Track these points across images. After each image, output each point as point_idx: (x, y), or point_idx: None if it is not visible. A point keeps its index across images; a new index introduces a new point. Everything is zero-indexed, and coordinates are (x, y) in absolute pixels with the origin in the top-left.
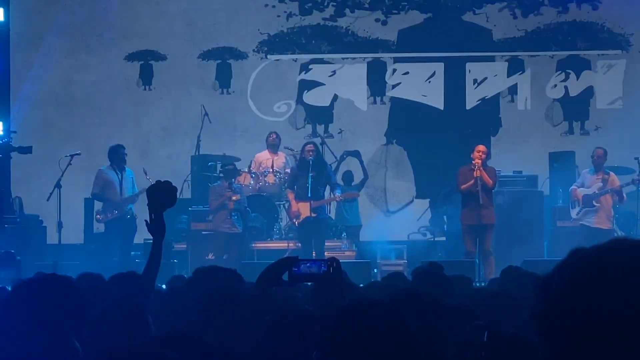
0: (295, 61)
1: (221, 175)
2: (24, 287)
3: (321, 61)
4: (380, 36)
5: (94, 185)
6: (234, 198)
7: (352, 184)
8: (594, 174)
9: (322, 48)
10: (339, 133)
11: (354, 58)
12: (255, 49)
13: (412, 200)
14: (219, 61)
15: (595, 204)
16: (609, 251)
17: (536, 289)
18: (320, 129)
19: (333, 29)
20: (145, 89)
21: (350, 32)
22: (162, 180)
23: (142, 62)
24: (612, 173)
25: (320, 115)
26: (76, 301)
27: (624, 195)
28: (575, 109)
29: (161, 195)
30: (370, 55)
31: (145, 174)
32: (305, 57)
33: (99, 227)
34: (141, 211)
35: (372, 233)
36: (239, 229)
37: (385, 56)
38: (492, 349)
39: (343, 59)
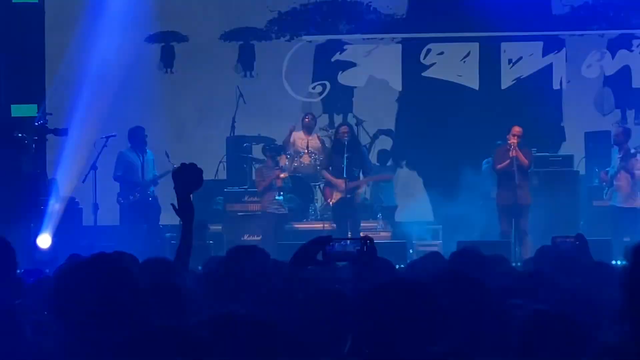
0: (310, 42)
1: (267, 154)
2: (79, 268)
3: (339, 42)
4: (408, 13)
5: (115, 168)
6: (282, 176)
7: (387, 164)
8: (617, 153)
9: (339, 27)
10: (356, 125)
11: (381, 38)
12: (264, 29)
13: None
14: (240, 42)
15: (616, 183)
16: None
17: (627, 255)
18: (337, 119)
19: (352, 5)
20: (166, 72)
21: (372, 8)
22: (187, 162)
23: (163, 44)
24: (635, 150)
25: (340, 106)
26: (131, 282)
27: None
28: (628, 96)
29: (187, 178)
30: (396, 36)
31: (168, 157)
32: (322, 38)
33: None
34: (166, 192)
35: (408, 213)
36: (286, 209)
37: (409, 36)
38: (537, 327)
39: (364, 39)
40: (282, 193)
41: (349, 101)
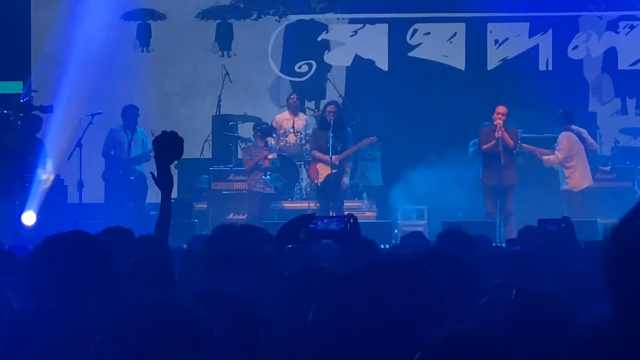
0: (279, 21)
1: (258, 134)
2: (48, 243)
3: (325, 21)
4: None
5: (104, 145)
6: (269, 157)
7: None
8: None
9: (312, 5)
10: (342, 104)
11: (369, 18)
12: (243, 6)
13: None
14: (218, 21)
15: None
16: None
17: (605, 240)
18: (310, 105)
19: None
20: (142, 50)
21: None
22: (168, 130)
23: (140, 21)
24: (562, 134)
25: (308, 89)
26: (100, 258)
27: (548, 157)
28: (628, 82)
29: (168, 147)
30: (382, 15)
31: (153, 136)
32: (307, 17)
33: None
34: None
35: (393, 193)
36: (272, 189)
37: (395, 16)
38: (520, 306)
39: (350, 19)
40: (268, 173)
41: (335, 80)
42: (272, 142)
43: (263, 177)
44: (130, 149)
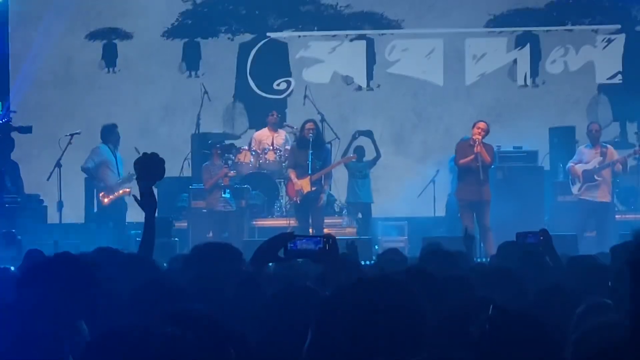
0: (232, 40)
1: (217, 152)
2: (41, 265)
3: (303, 39)
4: (373, 8)
5: (88, 160)
6: (230, 174)
7: (364, 159)
8: (592, 148)
9: (269, 22)
10: (321, 121)
11: (346, 35)
12: (175, 24)
13: None
14: (185, 40)
15: (597, 178)
16: None
17: (634, 238)
18: (302, 115)
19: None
20: (108, 71)
21: (336, 4)
22: (149, 152)
23: (105, 41)
24: (610, 146)
25: (305, 102)
26: (89, 284)
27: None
28: (626, 104)
29: (149, 168)
30: (360, 32)
31: (138, 153)
32: (285, 35)
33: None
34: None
35: (380, 210)
36: (233, 207)
37: (373, 32)
38: (496, 323)
39: (328, 36)
40: (228, 191)
41: (313, 97)
42: (252, 159)
43: (223, 195)
44: (118, 169)
